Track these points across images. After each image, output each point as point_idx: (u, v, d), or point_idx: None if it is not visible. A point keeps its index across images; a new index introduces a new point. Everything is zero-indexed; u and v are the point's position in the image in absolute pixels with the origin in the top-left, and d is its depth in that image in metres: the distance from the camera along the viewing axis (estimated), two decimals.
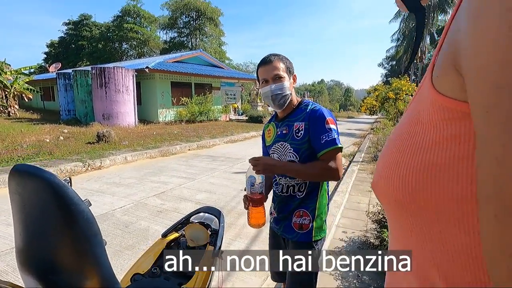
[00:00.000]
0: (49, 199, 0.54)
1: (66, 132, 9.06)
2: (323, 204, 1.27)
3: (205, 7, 31.54)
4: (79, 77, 12.80)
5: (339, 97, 66.57)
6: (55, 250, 0.59)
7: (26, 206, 0.57)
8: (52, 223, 0.56)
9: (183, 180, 5.06)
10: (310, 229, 1.23)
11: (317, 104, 1.27)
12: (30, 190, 0.56)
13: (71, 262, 0.59)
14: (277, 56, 1.25)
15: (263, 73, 1.25)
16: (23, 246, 0.61)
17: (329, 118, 1.18)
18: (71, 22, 37.72)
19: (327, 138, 1.15)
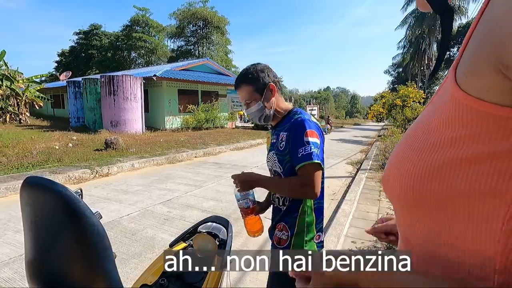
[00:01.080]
0: (60, 212, 0.53)
1: (75, 139, 9.19)
2: (305, 222, 1.14)
3: (212, 16, 32.07)
4: (88, 85, 13.05)
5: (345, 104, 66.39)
6: (65, 263, 0.58)
7: (37, 218, 0.57)
8: (62, 236, 0.55)
9: (190, 187, 5.05)
10: (286, 246, 1.15)
11: (304, 114, 1.17)
12: (41, 202, 0.55)
13: (80, 275, 0.58)
14: (243, 79, 1.21)
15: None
16: (33, 257, 0.60)
17: (310, 131, 1.08)
18: (82, 32, 38.72)
19: (304, 152, 1.05)
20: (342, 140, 14.59)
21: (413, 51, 32.78)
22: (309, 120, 1.12)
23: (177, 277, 1.29)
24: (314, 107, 33.04)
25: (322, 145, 1.11)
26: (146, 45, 33.97)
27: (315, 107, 33.27)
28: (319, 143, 1.08)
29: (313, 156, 1.04)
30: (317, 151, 1.06)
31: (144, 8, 34.60)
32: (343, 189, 5.28)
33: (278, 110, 1.22)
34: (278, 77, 1.26)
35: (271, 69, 1.23)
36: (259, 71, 1.19)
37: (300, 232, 1.15)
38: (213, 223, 1.63)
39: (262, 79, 1.19)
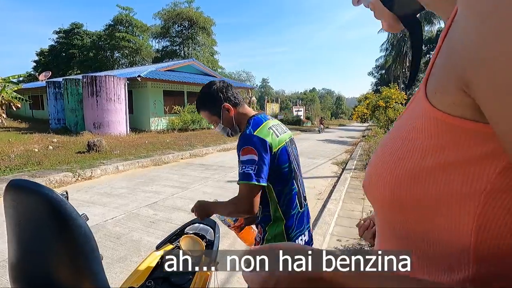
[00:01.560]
0: (46, 214, 0.53)
1: (55, 142, 8.89)
2: (274, 229, 1.17)
3: (198, 16, 31.85)
4: (69, 86, 12.66)
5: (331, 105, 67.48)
6: (52, 266, 0.58)
7: (21, 221, 0.56)
8: (48, 238, 0.55)
9: (176, 189, 5.00)
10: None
11: (252, 125, 1.16)
12: (26, 205, 0.55)
13: (67, 278, 0.58)
14: (199, 105, 1.28)
15: None
16: (17, 262, 0.60)
17: (245, 148, 1.07)
18: (62, 31, 37.50)
19: (240, 170, 1.07)
20: (327, 141, 14.83)
21: (395, 54, 33.80)
22: (249, 135, 1.10)
23: (164, 279, 1.29)
24: (300, 108, 33.40)
25: (264, 158, 1.07)
26: (130, 45, 33.29)
27: (301, 108, 33.64)
28: (256, 159, 1.05)
29: (244, 176, 1.05)
30: (253, 168, 1.04)
31: (127, 7, 33.95)
32: (329, 188, 5.38)
33: (242, 122, 1.25)
34: (233, 92, 1.25)
35: (224, 86, 1.24)
36: (213, 94, 1.23)
37: (268, 239, 1.18)
38: (200, 224, 1.63)
39: (217, 101, 1.23)
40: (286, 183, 1.17)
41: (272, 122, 1.24)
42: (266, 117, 1.26)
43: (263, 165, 1.07)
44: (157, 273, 1.30)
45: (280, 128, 1.24)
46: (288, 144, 1.22)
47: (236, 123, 1.26)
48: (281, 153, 1.14)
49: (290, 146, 1.25)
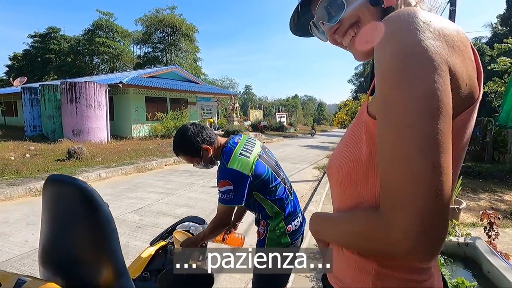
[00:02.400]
0: (79, 201, 0.67)
1: (32, 149, 8.62)
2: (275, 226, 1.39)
3: (180, 23, 31.85)
4: (47, 92, 12.29)
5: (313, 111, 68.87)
6: (79, 245, 0.71)
7: (57, 208, 0.70)
8: (79, 221, 0.69)
9: (161, 195, 5.05)
10: (263, 238, 1.42)
11: (223, 159, 1.35)
12: (63, 194, 0.68)
13: (92, 255, 0.72)
14: (179, 151, 1.44)
15: None
16: (48, 244, 0.73)
17: (221, 182, 1.30)
18: (38, 35, 36.22)
19: (219, 195, 1.32)
20: (310, 146, 15.21)
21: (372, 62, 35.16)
22: (224, 169, 1.32)
23: (159, 271, 1.42)
24: (283, 115, 33.92)
25: (238, 186, 1.29)
26: (110, 50, 32.66)
27: (284, 115, 34.17)
28: (232, 188, 1.29)
29: (224, 201, 1.31)
30: (230, 195, 1.29)
31: (108, 12, 33.32)
32: (310, 192, 5.61)
33: (218, 154, 1.45)
34: (207, 132, 1.44)
35: (198, 130, 1.42)
36: (191, 140, 1.40)
37: (273, 230, 1.40)
38: (190, 222, 1.77)
39: (196, 146, 1.40)
40: (271, 183, 1.39)
41: (241, 145, 1.42)
42: (234, 143, 1.42)
43: (238, 191, 1.30)
44: (152, 266, 1.43)
45: (249, 146, 1.44)
46: (260, 155, 1.44)
47: (214, 158, 1.46)
48: (256, 168, 1.36)
49: (263, 153, 1.48)
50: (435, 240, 0.40)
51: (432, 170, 0.39)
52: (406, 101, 0.41)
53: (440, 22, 0.45)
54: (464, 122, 0.47)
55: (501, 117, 5.40)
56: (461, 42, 0.46)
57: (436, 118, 0.39)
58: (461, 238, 1.89)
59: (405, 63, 0.42)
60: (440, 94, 0.40)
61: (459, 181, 3.14)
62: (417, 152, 0.39)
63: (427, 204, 0.39)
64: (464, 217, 3.68)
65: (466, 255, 1.83)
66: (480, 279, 1.59)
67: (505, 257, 1.76)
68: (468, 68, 0.46)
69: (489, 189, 5.33)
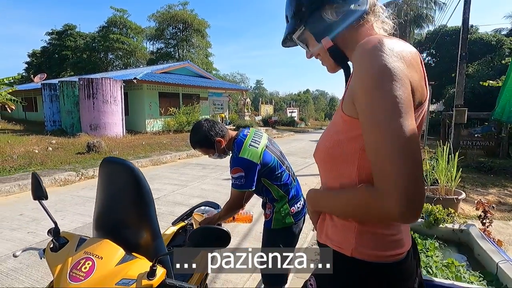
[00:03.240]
0: (128, 178, 0.87)
1: (54, 143, 9.09)
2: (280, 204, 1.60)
3: (192, 19, 32.06)
4: (65, 88, 12.80)
5: (324, 106, 68.18)
6: (127, 212, 0.91)
7: (109, 184, 0.90)
8: (127, 194, 0.89)
9: (176, 187, 5.32)
10: (270, 219, 1.62)
11: (236, 150, 1.54)
12: (115, 172, 0.89)
13: (136, 220, 0.92)
14: (195, 144, 1.63)
15: None
16: (103, 211, 0.93)
17: (234, 169, 1.50)
18: (55, 32, 37.26)
19: (232, 181, 1.52)
20: None
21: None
22: (236, 158, 1.51)
23: (181, 246, 1.63)
24: (294, 110, 33.87)
25: (249, 172, 1.48)
26: (124, 46, 33.31)
27: (295, 110, 34.10)
28: (243, 175, 1.48)
29: (236, 186, 1.51)
30: (242, 181, 1.49)
31: (121, 9, 33.95)
32: (319, 185, 5.75)
33: (229, 146, 1.65)
34: (219, 126, 1.64)
35: (211, 125, 1.62)
36: (205, 135, 1.59)
37: (278, 211, 1.61)
38: (206, 206, 1.97)
39: (210, 139, 1.59)
40: (277, 170, 1.60)
41: (250, 137, 1.61)
42: (244, 135, 1.62)
43: (249, 177, 1.49)
44: (174, 242, 1.64)
45: (257, 138, 1.64)
46: (267, 145, 1.64)
47: (226, 148, 1.66)
48: (264, 157, 1.56)
49: (270, 144, 1.68)
50: (418, 204, 0.55)
51: (408, 152, 0.55)
52: (384, 104, 0.58)
53: (399, 47, 0.63)
54: (417, 117, 0.65)
55: (496, 111, 5.41)
56: (414, 60, 0.64)
57: (406, 115, 0.57)
58: (456, 225, 2.02)
59: (381, 77, 0.59)
60: (407, 100, 0.58)
61: (459, 173, 3.22)
62: (396, 139, 0.56)
63: (408, 178, 0.54)
64: (469, 209, 3.76)
65: (460, 240, 1.95)
66: (471, 261, 1.72)
67: (497, 243, 1.87)
68: (420, 79, 0.65)
69: (500, 184, 5.33)
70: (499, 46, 17.89)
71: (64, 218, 3.70)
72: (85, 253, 0.83)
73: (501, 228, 3.10)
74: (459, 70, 7.21)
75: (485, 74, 14.59)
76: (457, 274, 1.44)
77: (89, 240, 0.88)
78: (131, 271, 0.81)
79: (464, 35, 7.11)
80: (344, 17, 0.72)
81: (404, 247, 0.71)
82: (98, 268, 0.79)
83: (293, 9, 0.79)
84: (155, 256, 0.93)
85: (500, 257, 1.53)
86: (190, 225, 1.80)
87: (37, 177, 0.99)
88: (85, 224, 3.49)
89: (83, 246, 0.86)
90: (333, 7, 0.72)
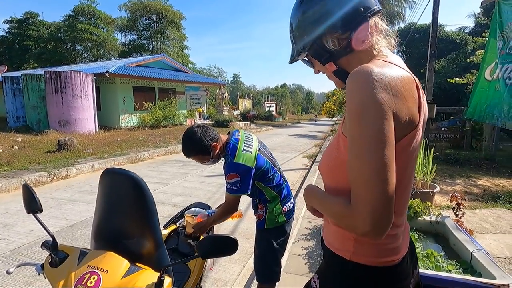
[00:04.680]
0: (131, 188, 0.85)
1: (20, 141, 8.49)
2: (272, 205, 1.64)
3: (166, 10, 30.99)
4: (30, 82, 11.93)
5: (301, 100, 69.20)
6: (129, 222, 0.89)
7: (111, 194, 0.87)
8: (129, 203, 0.87)
9: (157, 185, 5.20)
10: (263, 219, 1.65)
11: (229, 155, 1.53)
12: (117, 183, 0.86)
13: (138, 230, 0.90)
14: (190, 153, 1.58)
15: None
16: (103, 221, 0.91)
17: (229, 175, 1.49)
18: (14, 20, 34.40)
19: (227, 186, 1.52)
20: (299, 135, 15.53)
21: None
22: (231, 164, 1.50)
23: (174, 249, 1.62)
24: (272, 104, 34.06)
25: (244, 177, 1.49)
26: (93, 37, 31.52)
27: (273, 104, 34.32)
28: (239, 179, 1.48)
29: (232, 191, 1.51)
30: (237, 186, 1.49)
31: None
32: (300, 179, 5.89)
33: (222, 150, 1.62)
34: (211, 131, 1.60)
35: (204, 131, 1.58)
36: (201, 140, 1.54)
37: (271, 211, 1.65)
38: (197, 208, 1.96)
39: (205, 146, 1.55)
40: (270, 173, 1.63)
41: (242, 141, 1.60)
42: (236, 139, 1.60)
43: (244, 181, 1.50)
44: (167, 245, 1.62)
45: (249, 141, 1.63)
46: (259, 148, 1.65)
47: (220, 153, 1.63)
48: (258, 161, 1.58)
49: (261, 147, 1.68)
50: (383, 227, 0.61)
51: (380, 181, 0.60)
52: (364, 136, 0.62)
53: (388, 76, 0.65)
54: (409, 140, 0.69)
55: (468, 111, 5.82)
56: (404, 87, 0.66)
57: (383, 147, 0.61)
58: (433, 217, 2.17)
59: (363, 111, 0.63)
60: (386, 132, 0.61)
61: (434, 167, 3.45)
62: (371, 169, 0.61)
63: (377, 203, 0.60)
64: (440, 200, 4.04)
65: (436, 231, 2.11)
66: (447, 250, 1.87)
67: (468, 233, 2.05)
68: (410, 106, 0.67)
69: (465, 175, 5.76)
70: (463, 43, 19.04)
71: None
72: (88, 267, 0.81)
73: (469, 217, 3.37)
74: (429, 67, 7.62)
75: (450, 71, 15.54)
76: (437, 264, 1.57)
77: (91, 253, 0.86)
78: (138, 283, 0.80)
79: (434, 34, 7.49)
80: (345, 46, 0.75)
81: (399, 253, 0.77)
82: (105, 282, 0.78)
83: (296, 35, 0.82)
84: (158, 265, 0.92)
85: (473, 246, 1.68)
86: (181, 227, 1.78)
87: (29, 188, 0.93)
88: (63, 228, 3.33)
89: (86, 259, 0.83)
90: (334, 36, 0.74)
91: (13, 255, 2.72)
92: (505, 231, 3.11)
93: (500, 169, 6.25)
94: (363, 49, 0.74)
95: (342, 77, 0.79)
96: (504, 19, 4.58)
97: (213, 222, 1.62)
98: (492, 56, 5.03)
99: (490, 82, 5.11)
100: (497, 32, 4.76)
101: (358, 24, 0.72)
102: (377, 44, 0.75)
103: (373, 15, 0.73)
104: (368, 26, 0.73)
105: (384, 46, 0.76)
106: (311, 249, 2.78)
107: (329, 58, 0.78)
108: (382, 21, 0.76)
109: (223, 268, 2.56)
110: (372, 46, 0.75)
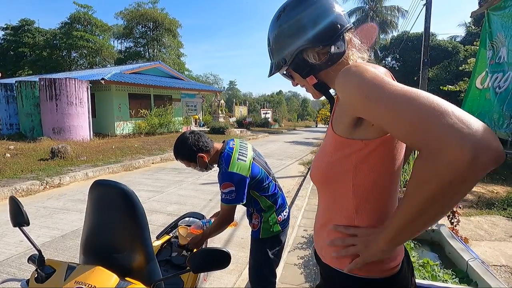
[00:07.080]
0: (122, 200, 0.83)
1: (12, 149, 8.36)
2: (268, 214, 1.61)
3: (163, 18, 31.18)
4: (24, 88, 11.84)
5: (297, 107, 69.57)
6: (120, 235, 0.87)
7: (101, 207, 0.85)
8: (119, 216, 0.85)
9: (152, 193, 5.14)
10: (258, 228, 1.63)
11: (224, 164, 1.51)
12: (107, 195, 0.84)
13: (129, 243, 0.88)
14: (178, 156, 1.60)
15: None
16: (93, 234, 0.88)
17: (224, 184, 1.47)
18: (10, 27, 34.28)
19: (222, 196, 1.49)
20: (295, 142, 15.55)
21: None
22: (225, 173, 1.48)
23: (167, 261, 1.59)
24: (268, 111, 34.19)
25: (239, 187, 1.47)
26: (89, 44, 31.46)
27: (269, 111, 34.44)
28: (234, 189, 1.46)
29: (227, 201, 1.48)
30: (233, 196, 1.47)
31: (85, 5, 32.02)
32: (296, 187, 5.87)
33: (215, 159, 1.62)
34: (204, 140, 1.59)
35: (196, 139, 1.58)
36: (189, 148, 1.55)
37: (266, 221, 1.62)
38: (191, 217, 1.94)
39: (192, 153, 1.56)
40: (265, 182, 1.62)
41: (236, 150, 1.59)
42: (230, 148, 1.59)
43: (239, 191, 1.47)
44: (160, 256, 1.59)
45: (244, 150, 1.63)
46: (254, 157, 1.64)
47: (210, 163, 1.63)
48: (253, 170, 1.56)
49: (256, 156, 1.68)
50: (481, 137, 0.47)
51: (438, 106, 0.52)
52: (389, 93, 0.58)
53: (373, 66, 0.70)
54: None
55: None
56: (387, 75, 0.72)
57: (405, 87, 0.58)
58: None
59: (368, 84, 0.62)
60: (401, 85, 0.60)
61: None
62: (421, 105, 0.54)
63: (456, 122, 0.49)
64: None
65: (432, 240, 2.10)
66: (443, 259, 1.86)
67: (464, 241, 2.05)
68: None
69: None
70: (455, 52, 19.44)
71: (30, 232, 3.40)
72: (76, 283, 0.78)
73: (464, 224, 3.37)
74: (422, 75, 7.75)
75: (443, 78, 15.81)
76: (433, 274, 1.56)
77: (79, 268, 0.83)
78: None
79: (426, 43, 7.64)
80: (326, 59, 0.78)
81: (396, 259, 0.76)
82: None
83: (274, 48, 0.84)
84: (149, 280, 0.90)
85: (469, 255, 1.68)
86: (175, 238, 1.75)
87: (16, 201, 0.91)
88: (54, 239, 3.25)
89: (73, 275, 0.80)
90: (314, 50, 0.78)
91: (1, 266, 2.64)
92: (500, 238, 3.11)
93: (494, 175, 6.30)
94: (341, 61, 0.78)
95: (321, 89, 0.83)
96: (494, 29, 4.69)
97: (209, 234, 1.60)
98: (483, 65, 5.12)
99: (481, 90, 5.20)
100: (487, 42, 4.86)
101: (336, 39, 0.77)
102: (353, 56, 0.80)
103: (347, 31, 0.79)
104: (345, 41, 0.78)
105: (359, 58, 0.81)
106: (307, 258, 2.74)
107: (309, 72, 0.80)
108: (355, 37, 0.81)
109: (217, 279, 2.51)
110: (348, 58, 0.79)
